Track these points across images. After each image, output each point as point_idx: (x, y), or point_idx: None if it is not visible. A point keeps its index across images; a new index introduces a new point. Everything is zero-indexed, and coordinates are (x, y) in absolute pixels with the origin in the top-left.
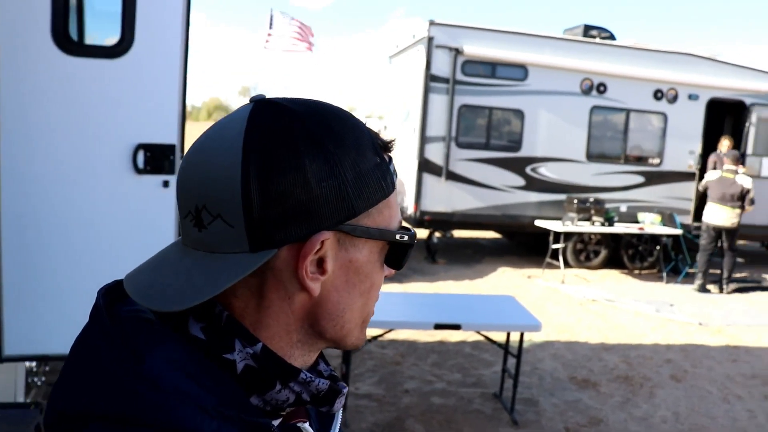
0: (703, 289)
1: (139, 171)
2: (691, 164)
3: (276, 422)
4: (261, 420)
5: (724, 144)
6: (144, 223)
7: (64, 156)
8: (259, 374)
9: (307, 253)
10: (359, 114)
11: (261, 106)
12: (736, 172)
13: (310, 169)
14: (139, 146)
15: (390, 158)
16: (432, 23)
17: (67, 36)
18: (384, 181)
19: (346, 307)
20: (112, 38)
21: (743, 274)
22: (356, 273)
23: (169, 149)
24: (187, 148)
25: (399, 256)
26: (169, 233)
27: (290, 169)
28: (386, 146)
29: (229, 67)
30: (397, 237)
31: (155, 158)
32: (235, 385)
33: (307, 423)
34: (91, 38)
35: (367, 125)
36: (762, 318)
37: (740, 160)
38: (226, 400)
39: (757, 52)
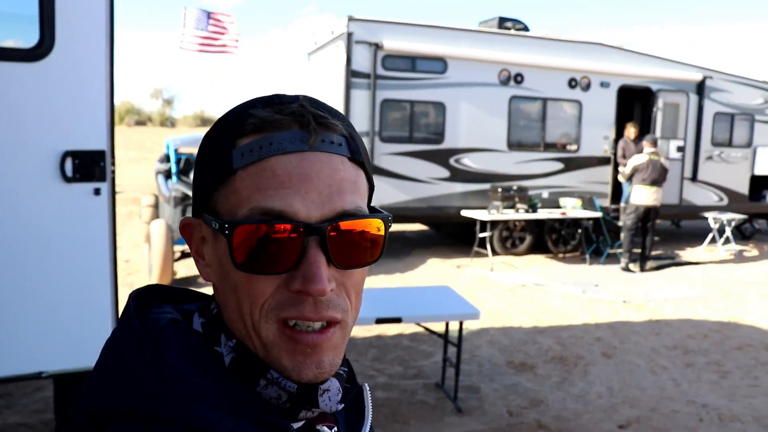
0: (628, 268)
1: (67, 179)
2: (606, 149)
3: (297, 425)
4: (279, 421)
5: (630, 130)
6: (75, 233)
7: None
8: (242, 368)
9: (188, 236)
10: None
11: None
12: (658, 154)
13: (196, 158)
14: (67, 153)
15: (255, 140)
16: (351, 19)
17: None
18: (222, 161)
19: (226, 305)
20: (30, 40)
21: (658, 252)
22: (221, 267)
23: (98, 155)
24: (116, 153)
25: (229, 249)
26: (103, 242)
27: (196, 157)
28: (258, 127)
29: (141, 70)
30: (212, 224)
31: (85, 165)
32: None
33: (334, 429)
34: (7, 41)
35: (257, 108)
36: (679, 292)
37: (656, 142)
38: (245, 399)
39: (655, 35)
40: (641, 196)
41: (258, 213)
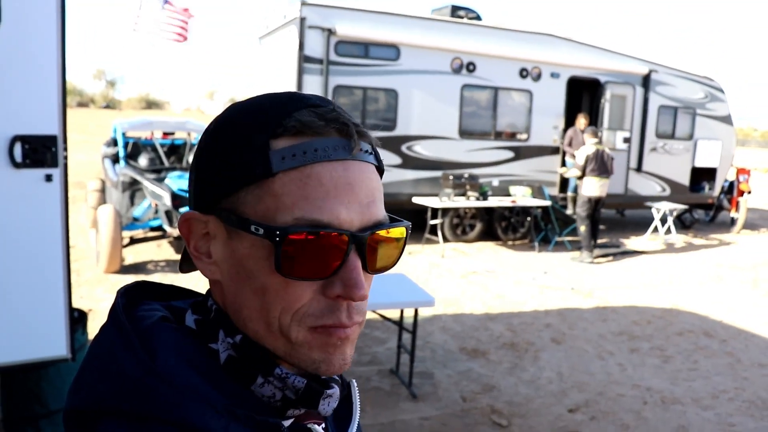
0: (593, 262)
1: (17, 165)
2: (555, 139)
3: (287, 423)
4: (271, 420)
5: (581, 121)
6: (26, 221)
7: None
8: (240, 365)
9: (187, 231)
10: (222, 97)
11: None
12: (602, 144)
13: (206, 148)
14: (16, 138)
15: (298, 144)
16: (304, 3)
17: None
18: (256, 160)
19: (242, 304)
20: None
21: (604, 240)
22: (242, 267)
23: (50, 140)
24: (68, 138)
25: (276, 256)
26: (55, 230)
27: (204, 147)
28: (299, 130)
29: (83, 49)
30: (252, 228)
31: (35, 151)
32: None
33: (323, 425)
34: None
35: (293, 108)
36: (624, 279)
37: (597, 133)
38: (236, 397)
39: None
40: (592, 187)
41: (306, 222)
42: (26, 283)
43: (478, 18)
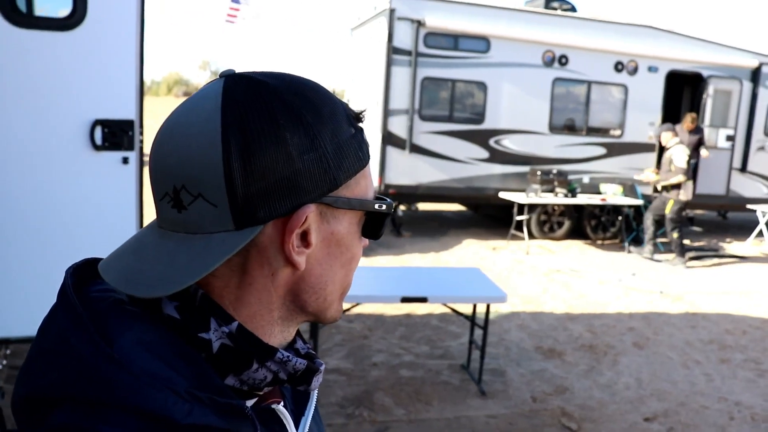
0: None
1: (97, 147)
2: (651, 135)
3: (250, 403)
4: (234, 402)
5: (689, 122)
6: (104, 201)
7: (18, 133)
8: (235, 353)
9: (293, 228)
10: None
11: (234, 80)
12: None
13: (292, 143)
14: (97, 122)
15: (362, 129)
16: None
17: (15, 7)
18: (360, 151)
19: (328, 280)
20: (63, 10)
21: (701, 243)
22: (338, 245)
23: (127, 125)
24: (146, 123)
25: (376, 226)
26: (131, 211)
27: (271, 144)
28: (358, 117)
29: (188, 41)
30: (375, 207)
31: (113, 134)
32: (208, 366)
33: (282, 403)
34: (42, 10)
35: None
36: (718, 285)
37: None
38: (198, 381)
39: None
40: (689, 190)
41: (377, 195)
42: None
43: (573, 9)
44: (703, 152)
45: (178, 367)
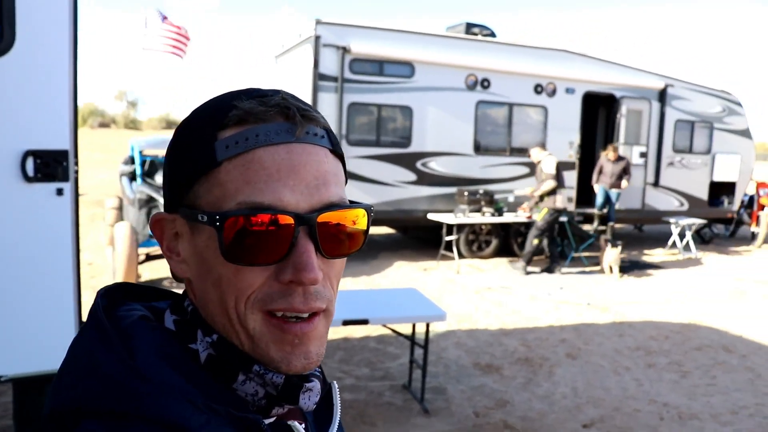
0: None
1: (29, 179)
2: (571, 154)
3: (269, 421)
4: (251, 416)
5: (610, 153)
6: (37, 233)
7: None
8: (220, 364)
9: (159, 232)
10: None
11: None
12: None
13: (168, 150)
14: (28, 152)
15: (240, 132)
16: (319, 22)
17: None
18: (204, 152)
19: (207, 300)
20: None
21: (622, 256)
22: (202, 261)
23: (61, 155)
24: (80, 155)
25: (240, 245)
26: (66, 243)
27: (168, 149)
28: (242, 118)
29: (104, 72)
30: (199, 217)
31: (47, 165)
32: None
33: (303, 425)
34: None
35: (239, 100)
36: (640, 294)
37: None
38: (215, 394)
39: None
40: (563, 198)
41: (248, 206)
42: (37, 294)
43: (493, 35)
44: (624, 183)
45: (196, 380)
